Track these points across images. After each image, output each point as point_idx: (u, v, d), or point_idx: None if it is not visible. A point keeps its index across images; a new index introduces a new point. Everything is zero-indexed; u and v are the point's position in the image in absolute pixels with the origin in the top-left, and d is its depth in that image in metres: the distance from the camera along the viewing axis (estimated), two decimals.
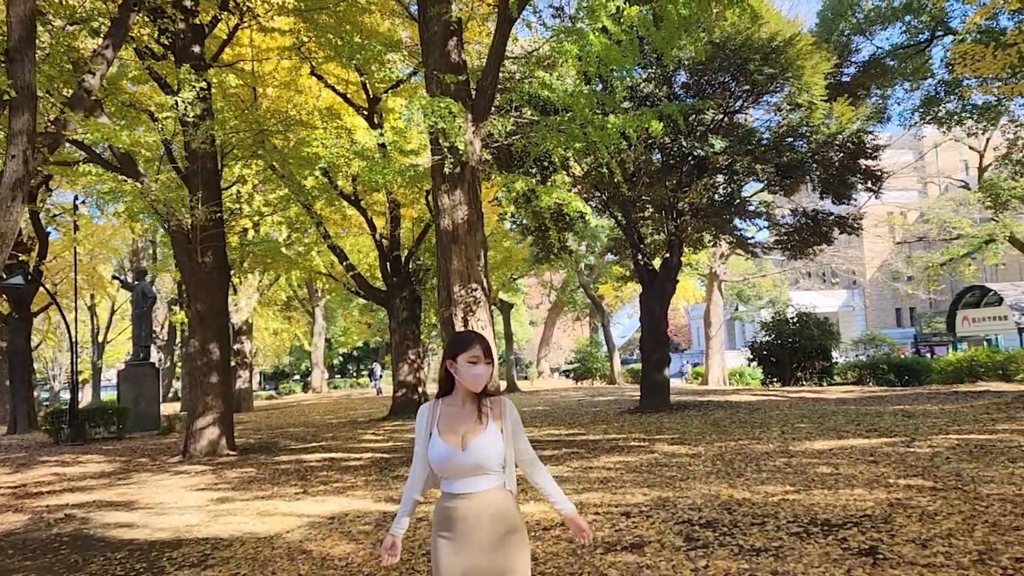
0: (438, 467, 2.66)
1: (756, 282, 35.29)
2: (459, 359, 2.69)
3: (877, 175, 15.25)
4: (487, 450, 2.61)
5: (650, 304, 15.66)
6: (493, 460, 2.63)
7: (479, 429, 2.64)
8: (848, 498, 6.05)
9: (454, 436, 2.63)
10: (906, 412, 11.88)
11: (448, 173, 11.03)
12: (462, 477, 2.62)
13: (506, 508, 2.65)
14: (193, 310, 13.72)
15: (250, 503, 7.89)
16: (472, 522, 2.59)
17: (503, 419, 2.73)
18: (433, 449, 2.66)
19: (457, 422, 2.67)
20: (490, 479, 2.64)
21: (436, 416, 2.72)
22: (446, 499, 2.68)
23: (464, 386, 2.70)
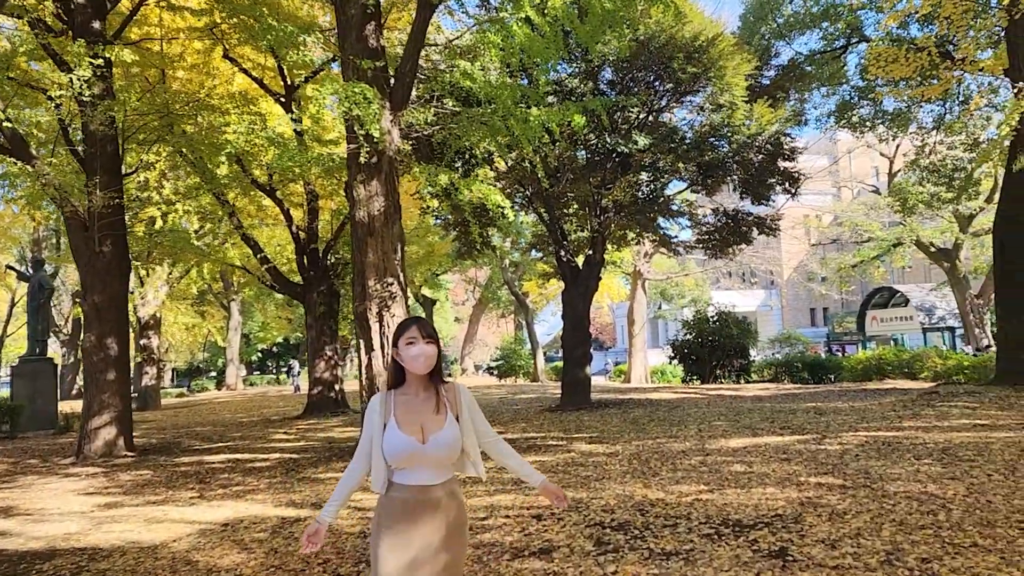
0: (395, 459, 2.57)
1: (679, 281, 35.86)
2: (399, 344, 2.64)
3: (794, 177, 15.54)
4: (448, 444, 2.58)
5: (573, 301, 15.56)
6: (453, 454, 2.61)
7: (438, 422, 2.60)
8: (760, 497, 5.97)
9: (413, 427, 2.57)
10: (818, 410, 12.08)
11: (364, 163, 10.59)
12: (418, 469, 2.57)
13: (457, 500, 2.64)
14: (89, 302, 12.88)
15: (139, 509, 7.35)
16: (425, 515, 2.55)
17: (459, 406, 2.69)
18: (392, 440, 2.56)
19: (414, 412, 2.61)
20: (446, 472, 2.62)
21: (391, 406, 2.63)
22: (398, 490, 2.59)
23: (412, 373, 2.63)
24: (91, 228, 12.89)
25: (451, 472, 2.67)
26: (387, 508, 2.60)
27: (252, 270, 20.64)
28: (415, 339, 2.62)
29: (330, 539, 5.55)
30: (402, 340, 2.63)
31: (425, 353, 2.62)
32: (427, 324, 2.69)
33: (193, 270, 25.49)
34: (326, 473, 8.91)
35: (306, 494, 7.51)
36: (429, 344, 2.63)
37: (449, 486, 2.64)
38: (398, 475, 2.60)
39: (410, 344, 2.62)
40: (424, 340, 2.62)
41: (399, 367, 2.68)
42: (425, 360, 2.63)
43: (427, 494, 2.57)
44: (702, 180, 15.49)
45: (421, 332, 2.63)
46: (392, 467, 2.60)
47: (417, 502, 2.56)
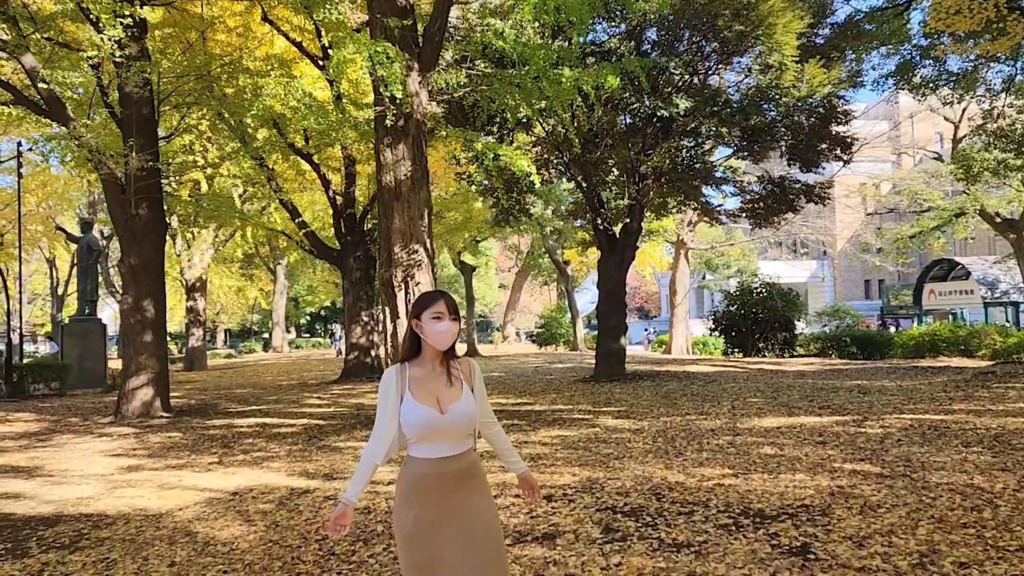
0: (415, 431, 2.51)
1: (724, 250, 34.95)
2: (423, 317, 2.56)
3: (847, 142, 14.76)
4: (466, 414, 2.55)
5: (608, 270, 15.16)
6: (471, 424, 2.58)
7: (455, 393, 2.57)
8: (788, 484, 5.61)
9: (429, 399, 2.53)
10: (862, 388, 11.55)
11: (391, 126, 10.32)
12: (439, 441, 2.52)
13: (479, 469, 2.64)
14: (126, 264, 12.97)
15: (158, 473, 7.33)
16: (450, 486, 2.51)
17: (472, 379, 2.66)
18: (410, 412, 2.51)
19: (430, 385, 2.56)
20: (466, 442, 2.59)
21: (406, 379, 2.58)
22: (420, 464, 2.54)
23: (431, 345, 2.58)
24: (127, 191, 12.94)
25: (470, 443, 2.62)
26: (411, 483, 2.53)
27: (292, 235, 20.65)
28: (442, 314, 2.55)
29: None
30: (427, 313, 2.55)
31: (452, 330, 2.57)
32: (452, 300, 2.62)
33: (238, 234, 25.72)
34: (347, 442, 8.80)
35: (321, 463, 7.38)
36: (454, 321, 2.58)
37: (469, 456, 2.60)
38: (417, 448, 2.54)
39: (437, 319, 2.55)
40: (450, 316, 2.56)
41: (416, 339, 2.61)
42: (451, 337, 2.58)
43: (450, 465, 2.53)
44: (747, 146, 14.84)
45: (448, 308, 2.57)
46: (411, 440, 2.53)
47: (441, 474, 2.51)
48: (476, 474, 2.61)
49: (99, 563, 4.54)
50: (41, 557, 4.71)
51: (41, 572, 4.42)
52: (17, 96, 12.94)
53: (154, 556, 4.63)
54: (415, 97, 10.33)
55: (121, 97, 12.99)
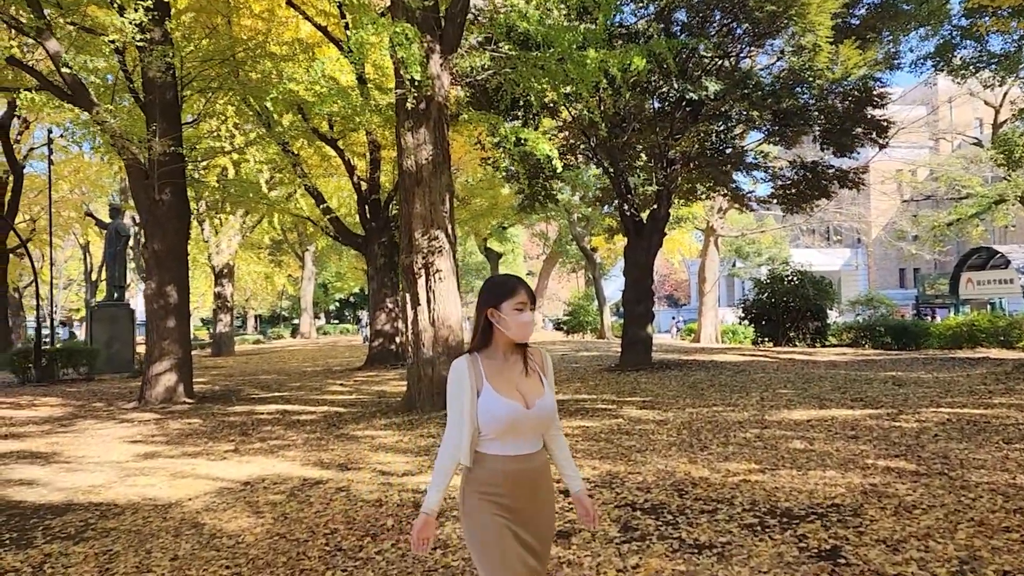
0: (496, 426, 2.32)
1: (755, 238, 34.33)
2: (503, 307, 2.38)
3: (883, 126, 14.27)
4: (549, 409, 2.40)
5: (635, 256, 14.87)
6: (552, 419, 2.44)
7: (535, 386, 2.40)
8: (817, 482, 5.36)
9: (513, 392, 2.35)
10: (897, 380, 11.18)
11: (412, 109, 10.14)
12: (517, 438, 2.35)
13: (549, 470, 2.48)
14: (150, 250, 12.98)
15: (173, 461, 7.26)
16: (529, 486, 2.37)
17: (545, 372, 2.49)
18: (493, 406, 2.32)
19: (508, 377, 2.39)
20: (540, 440, 2.44)
21: (481, 371, 2.38)
22: (497, 462, 2.35)
23: (507, 336, 2.39)
24: (151, 176, 12.92)
25: (542, 441, 2.46)
26: (485, 483, 2.34)
27: (317, 221, 20.60)
28: (524, 305, 2.39)
29: (344, 506, 5.25)
30: (509, 303, 2.37)
31: (533, 321, 2.43)
32: (530, 288, 2.45)
33: (265, 220, 25.77)
34: (365, 431, 8.68)
35: (336, 453, 7.26)
36: (533, 311, 2.44)
37: (543, 455, 2.45)
38: (491, 445, 2.35)
39: (519, 311, 2.38)
40: (531, 307, 2.42)
41: (487, 327, 2.41)
42: (532, 329, 2.43)
43: (527, 463, 2.37)
44: (779, 130, 14.42)
45: (529, 298, 2.41)
46: (488, 436, 2.34)
47: (518, 473, 2.35)
48: (549, 475, 2.46)
49: (101, 555, 4.43)
50: (44, 548, 4.62)
51: (43, 564, 4.32)
52: (42, 81, 12.95)
53: (157, 549, 4.51)
54: (436, 80, 10.12)
55: (144, 82, 12.95)
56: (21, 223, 30.71)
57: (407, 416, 9.60)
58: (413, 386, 10.23)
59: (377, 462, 6.71)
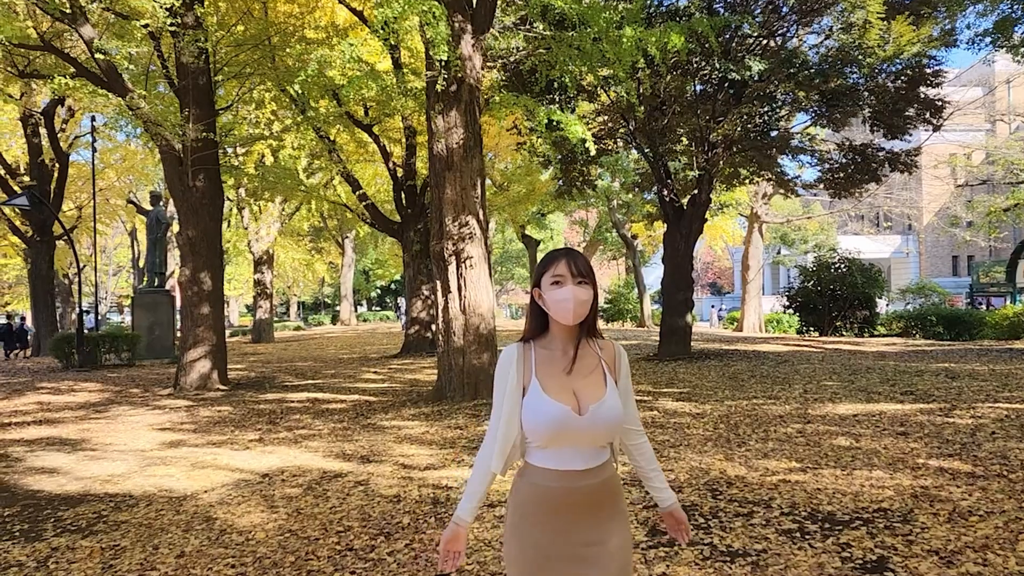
0: (542, 433, 1.93)
1: (801, 224, 33.41)
2: (542, 283, 2.00)
3: (938, 105, 13.58)
4: (610, 418, 1.94)
5: (675, 243, 14.46)
6: (616, 428, 1.97)
7: (596, 387, 1.95)
8: (863, 483, 4.99)
9: (564, 393, 1.93)
10: (950, 372, 10.63)
11: (442, 92, 9.89)
12: (568, 449, 1.93)
13: (616, 492, 2.01)
14: (184, 237, 12.99)
15: (196, 450, 7.16)
16: (577, 509, 1.93)
17: (617, 371, 2.03)
18: (537, 409, 1.92)
19: (562, 373, 1.97)
20: (603, 453, 1.99)
21: (531, 363, 1.99)
22: (539, 476, 1.96)
23: (558, 323, 1.99)
24: (184, 163, 12.92)
25: (607, 454, 2.01)
26: (529, 501, 1.97)
27: (353, 208, 20.53)
28: (562, 278, 1.95)
29: (361, 501, 5.06)
30: (546, 278, 1.99)
31: (576, 298, 1.95)
32: (579, 258, 2.00)
33: (303, 207, 25.84)
34: (392, 420, 8.50)
35: (361, 444, 7.08)
36: (581, 286, 1.96)
37: (606, 471, 1.99)
38: (537, 455, 1.97)
39: (556, 284, 1.96)
40: (575, 280, 1.95)
41: (540, 313, 2.04)
42: (576, 307, 1.95)
43: (581, 481, 1.93)
44: (827, 111, 13.83)
45: (571, 269, 1.96)
46: (534, 444, 1.97)
47: (569, 491, 1.93)
48: (614, 497, 2.00)
49: (108, 550, 4.30)
50: (53, 541, 4.51)
51: (48, 559, 4.20)
52: (77, 68, 13.02)
53: (165, 544, 4.36)
54: (468, 61, 9.85)
55: (177, 67, 12.93)
56: (70, 210, 31.38)
57: (437, 406, 9.41)
58: (443, 375, 10.03)
59: (400, 454, 6.52)
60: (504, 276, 61.52)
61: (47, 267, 24.37)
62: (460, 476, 5.63)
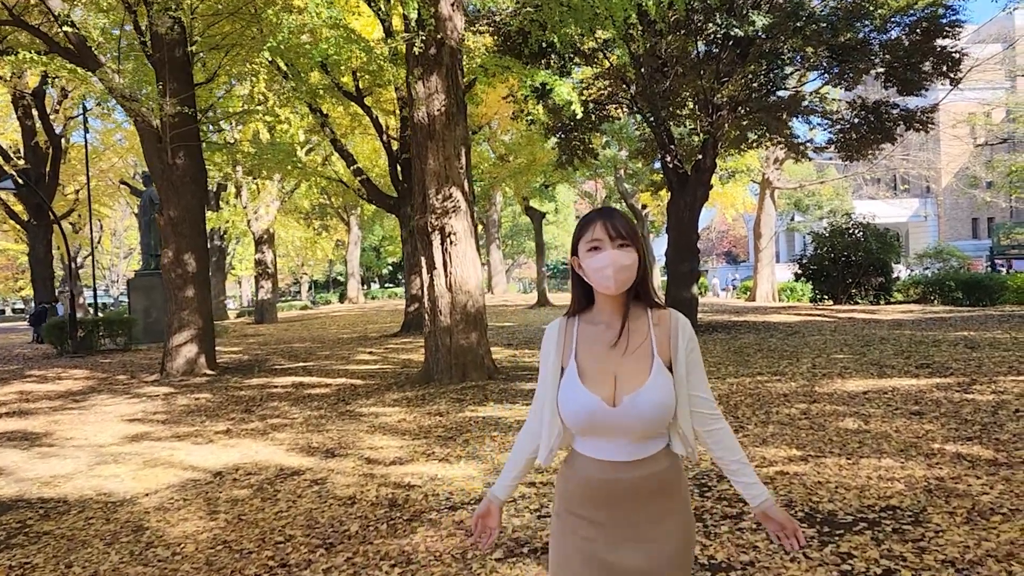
0: (573, 422, 1.74)
1: (815, 189, 32.49)
2: (579, 250, 1.78)
3: (955, 58, 12.78)
4: (652, 409, 1.69)
5: (678, 211, 13.82)
6: (660, 422, 1.72)
7: (639, 371, 1.71)
8: (871, 475, 4.44)
9: (601, 379, 1.71)
10: (969, 341, 10.00)
11: (422, 55, 9.29)
12: (612, 439, 1.73)
13: (669, 486, 1.76)
14: (165, 216, 12.51)
15: (156, 444, 6.72)
16: (623, 502, 1.72)
17: (674, 348, 1.76)
18: (569, 397, 1.73)
19: (604, 353, 1.74)
20: (652, 443, 1.74)
21: (573, 341, 1.79)
22: (585, 465, 1.77)
23: (602, 293, 1.77)
24: (163, 139, 12.41)
25: (660, 443, 1.76)
26: (572, 489, 1.78)
27: (349, 183, 19.99)
28: (600, 242, 1.72)
29: (311, 504, 4.57)
30: (583, 244, 1.75)
31: (616, 263, 1.70)
32: (619, 218, 1.75)
33: (303, 185, 25.33)
34: (372, 406, 8.03)
35: (330, 435, 6.60)
36: (623, 248, 1.71)
37: (660, 463, 1.74)
38: (581, 443, 1.78)
39: (594, 250, 1.73)
40: (614, 243, 1.71)
41: (583, 285, 1.81)
42: (617, 273, 1.71)
43: (627, 473, 1.72)
44: (837, 68, 13.08)
45: (609, 231, 1.71)
46: (572, 431, 1.77)
47: (613, 483, 1.72)
48: (670, 490, 1.75)
49: (16, 569, 3.84)
50: None
51: None
52: (48, 42, 12.51)
53: (81, 561, 3.89)
54: (448, 21, 9.24)
55: (152, 39, 12.36)
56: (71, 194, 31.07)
57: (422, 389, 8.93)
58: (431, 356, 9.55)
59: (369, 446, 6.03)
60: (515, 250, 60.92)
61: (45, 250, 24.08)
62: (426, 472, 5.13)
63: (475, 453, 5.58)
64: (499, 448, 5.67)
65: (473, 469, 5.13)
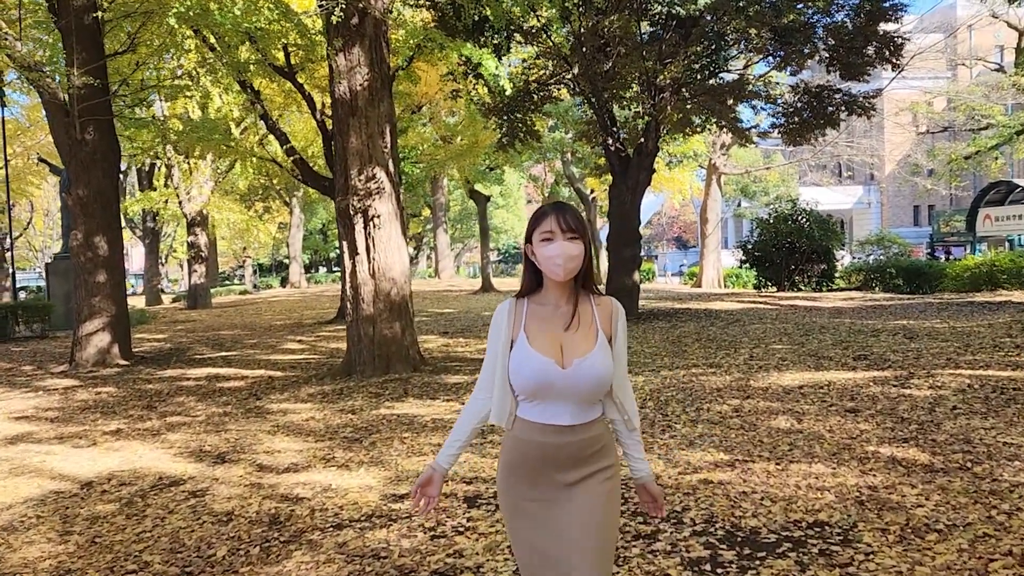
0: (524, 387, 1.88)
1: (761, 176, 32.56)
2: (533, 239, 1.93)
3: (898, 42, 12.61)
4: (597, 373, 1.85)
5: (621, 196, 13.44)
6: (602, 387, 1.89)
7: (585, 342, 1.88)
8: (800, 483, 4.08)
9: (550, 347, 1.87)
10: (908, 331, 9.83)
11: (341, 24, 8.67)
12: (555, 403, 1.86)
13: (607, 451, 1.93)
14: (73, 196, 11.65)
15: (33, 447, 6.08)
16: (561, 463, 1.87)
17: (614, 327, 1.95)
18: (522, 362, 1.87)
19: (552, 328, 1.90)
20: (592, 409, 1.91)
21: (522, 317, 1.94)
22: (526, 430, 1.91)
23: (551, 279, 1.91)
24: (71, 114, 11.54)
25: (598, 411, 1.94)
26: (515, 452, 1.94)
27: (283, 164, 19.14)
28: (552, 234, 1.88)
29: (181, 523, 4.03)
30: (536, 234, 1.92)
31: (565, 253, 1.87)
32: (570, 213, 1.91)
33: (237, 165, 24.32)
34: (283, 403, 7.47)
35: (227, 436, 6.04)
36: (572, 240, 1.88)
37: (595, 429, 1.92)
38: (526, 408, 1.92)
39: (546, 240, 1.89)
40: (565, 235, 1.88)
41: (535, 270, 1.97)
42: (565, 263, 1.88)
43: (567, 437, 1.88)
44: (782, 51, 12.81)
45: (560, 224, 1.89)
46: (521, 397, 1.92)
47: (555, 447, 1.88)
48: (602, 454, 1.92)
49: None
50: None
51: None
52: None
53: None
54: None
55: (58, 2, 11.45)
56: None
57: (342, 383, 8.39)
58: (353, 347, 8.99)
59: (265, 450, 5.49)
60: (465, 234, 60.23)
61: None
62: (319, 482, 4.62)
63: (379, 458, 5.09)
64: (407, 452, 5.18)
65: (372, 478, 4.63)
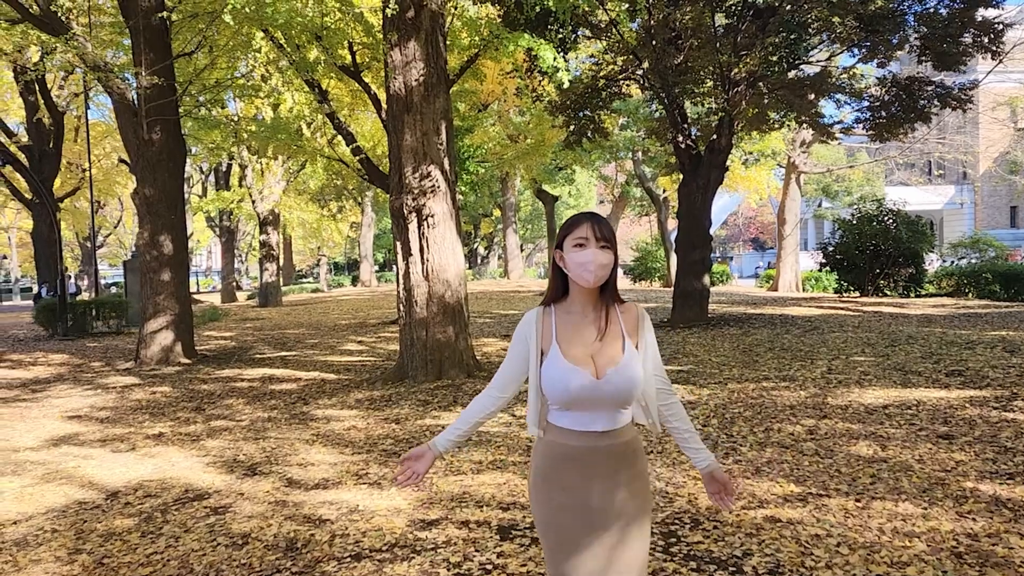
0: (560, 397, 1.91)
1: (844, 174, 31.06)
2: (564, 245, 1.96)
3: (998, 29, 11.60)
4: (630, 381, 1.91)
5: (690, 195, 12.81)
6: (634, 392, 1.93)
7: (614, 351, 1.92)
8: (883, 526, 3.53)
9: (582, 357, 1.91)
10: (1008, 343, 8.93)
11: (397, 18, 8.41)
12: (589, 411, 1.91)
13: (639, 457, 1.99)
14: (141, 195, 11.79)
15: (75, 450, 5.99)
16: (598, 471, 1.91)
17: (639, 335, 1.99)
18: (556, 373, 1.90)
19: (582, 337, 1.94)
20: (623, 416, 1.95)
21: (552, 326, 1.96)
22: (561, 435, 1.94)
23: (578, 285, 1.95)
24: (139, 113, 11.68)
25: (628, 415, 1.96)
26: (549, 458, 1.95)
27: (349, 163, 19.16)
28: (585, 241, 1.90)
29: (195, 544, 3.76)
30: (568, 240, 1.93)
31: (597, 261, 1.89)
32: (603, 223, 1.93)
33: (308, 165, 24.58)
34: (330, 408, 7.23)
35: (264, 445, 5.80)
36: (604, 249, 1.90)
37: (626, 434, 1.94)
38: (559, 415, 1.93)
39: (579, 247, 1.90)
40: (598, 243, 1.89)
41: (563, 276, 1.97)
42: (596, 270, 1.89)
43: (601, 442, 1.90)
44: (868, 40, 11.95)
45: (595, 232, 1.90)
46: (553, 406, 1.93)
47: (589, 451, 1.90)
48: (633, 460, 1.95)
49: None
50: None
51: None
52: (20, 10, 11.78)
53: None
54: None
55: (126, 4, 11.59)
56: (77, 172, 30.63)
57: (392, 388, 8.12)
58: (405, 351, 8.72)
59: (299, 462, 5.22)
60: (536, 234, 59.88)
61: (48, 229, 23.61)
62: (347, 501, 4.30)
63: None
64: (444, 470, 4.82)
65: (403, 499, 4.29)
